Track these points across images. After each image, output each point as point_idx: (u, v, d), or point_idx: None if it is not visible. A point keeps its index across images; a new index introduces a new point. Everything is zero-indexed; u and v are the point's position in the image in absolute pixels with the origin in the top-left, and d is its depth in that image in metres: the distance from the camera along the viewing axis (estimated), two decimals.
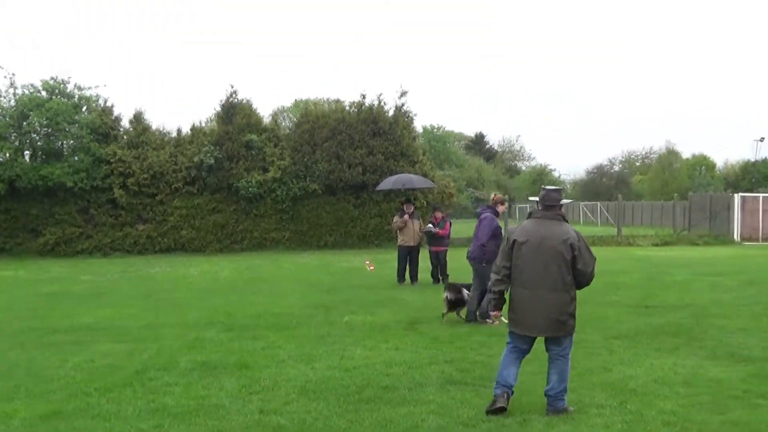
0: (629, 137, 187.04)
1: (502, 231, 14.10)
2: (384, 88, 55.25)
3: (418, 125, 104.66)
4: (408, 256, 20.29)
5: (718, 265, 25.60)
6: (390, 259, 21.28)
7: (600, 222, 68.80)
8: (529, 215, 8.20)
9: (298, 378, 9.37)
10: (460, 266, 18.84)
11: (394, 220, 20.67)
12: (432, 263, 20.27)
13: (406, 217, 20.24)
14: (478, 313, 13.85)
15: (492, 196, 14.59)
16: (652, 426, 7.36)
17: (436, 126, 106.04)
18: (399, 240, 20.44)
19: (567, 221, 8.05)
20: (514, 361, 8.03)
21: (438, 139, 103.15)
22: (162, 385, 9.11)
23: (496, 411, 7.73)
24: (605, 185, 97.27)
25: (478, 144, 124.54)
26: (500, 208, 14.26)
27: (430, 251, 20.32)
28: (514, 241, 7.96)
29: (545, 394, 7.87)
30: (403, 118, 37.57)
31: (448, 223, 20.69)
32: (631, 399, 8.27)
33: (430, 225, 20.20)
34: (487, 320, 13.40)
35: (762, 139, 75.60)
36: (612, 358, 10.46)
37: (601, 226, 62.58)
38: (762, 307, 15.44)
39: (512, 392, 7.93)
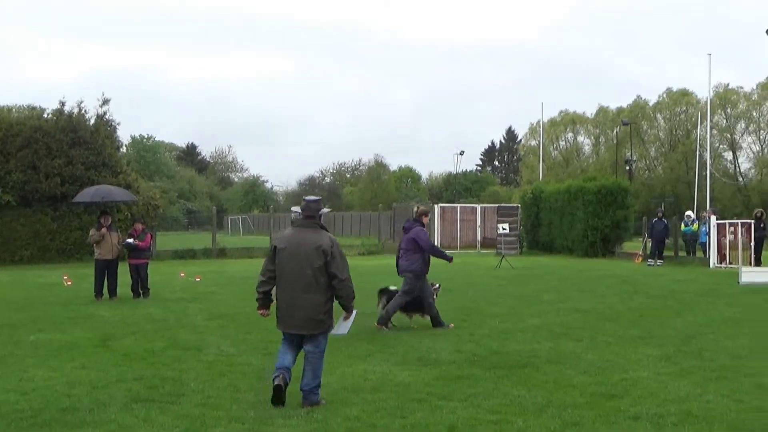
0: (340, 150, 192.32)
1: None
2: (85, 96, 52.96)
3: (125, 135, 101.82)
4: (106, 270, 19.40)
5: None
6: (90, 273, 20.29)
7: None
8: (292, 223, 8.85)
9: None
10: (161, 279, 18.29)
11: (91, 233, 19.68)
12: (132, 277, 19.55)
13: (103, 230, 19.34)
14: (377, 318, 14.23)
15: (415, 209, 15.09)
16: None
17: (146, 136, 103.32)
18: (96, 254, 19.48)
19: (326, 229, 8.73)
20: (287, 350, 8.68)
21: (148, 149, 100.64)
22: None
23: (276, 391, 8.27)
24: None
25: (189, 155, 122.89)
26: (425, 220, 14.51)
27: (129, 264, 19.59)
28: (275, 247, 8.69)
29: (300, 389, 8.43)
30: (105, 127, 36.12)
31: (149, 236, 20.12)
32: (319, 408, 8.26)
33: (130, 238, 19.48)
34: (385, 328, 13.93)
35: (462, 153, 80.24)
36: None
37: None
38: (456, 312, 16.19)
39: (289, 374, 8.49)
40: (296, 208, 8.94)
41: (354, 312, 8.98)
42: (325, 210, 8.90)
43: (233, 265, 32.31)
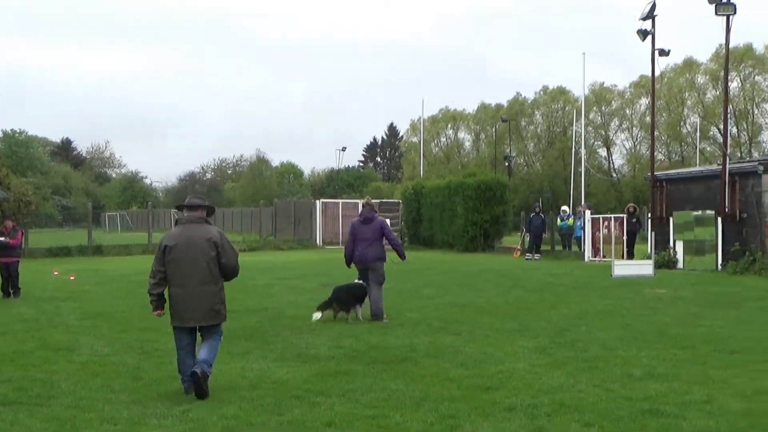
0: (221, 146, 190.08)
1: None
2: None
3: None
4: None
5: (299, 268, 26.62)
6: None
7: None
8: (176, 222, 9.25)
9: None
10: (33, 278, 17.61)
11: None
12: (2, 276, 18.86)
13: None
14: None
15: (367, 200, 16.21)
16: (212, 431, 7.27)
17: (18, 130, 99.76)
18: None
19: (210, 224, 9.16)
20: (187, 354, 8.88)
21: (20, 144, 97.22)
22: None
23: (197, 382, 8.43)
24: (197, 192, 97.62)
25: (65, 150, 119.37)
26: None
27: (0, 263, 18.89)
28: (165, 246, 8.86)
29: (197, 361, 8.69)
30: None
31: (20, 233, 19.47)
32: (195, 406, 8.13)
33: (0, 236, 18.79)
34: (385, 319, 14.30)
35: (344, 149, 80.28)
36: None
37: None
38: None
39: (206, 373, 8.56)
40: (174, 211, 9.40)
41: None
42: (205, 203, 9.22)
43: (110, 263, 31.52)
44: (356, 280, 14.83)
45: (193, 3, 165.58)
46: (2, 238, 18.80)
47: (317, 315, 14.25)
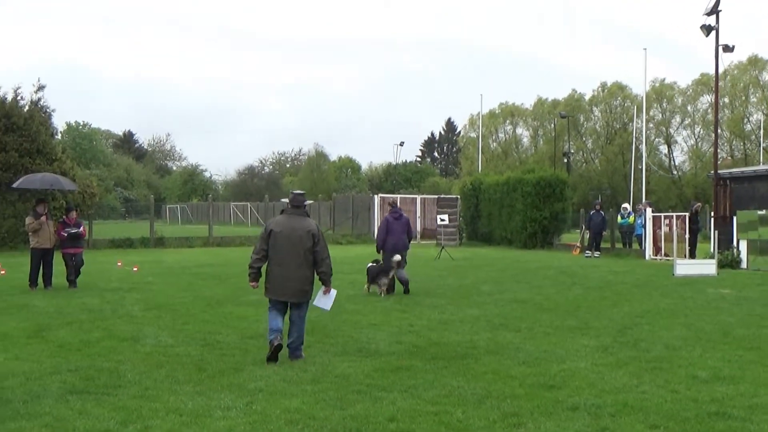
0: (280, 139, 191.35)
1: None
2: (23, 81, 52.06)
3: (60, 121, 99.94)
4: (42, 260, 19.04)
5: (357, 263, 26.65)
6: (25, 262, 19.89)
7: (250, 222, 69.29)
8: (282, 212, 10.65)
9: None
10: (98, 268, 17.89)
11: (28, 222, 19.24)
12: (68, 266, 19.25)
13: (42, 218, 18.99)
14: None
15: (393, 201, 21.04)
16: (276, 425, 7.32)
17: (82, 123, 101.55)
18: (33, 242, 19.07)
19: (309, 216, 10.70)
20: (277, 315, 10.35)
21: (84, 136, 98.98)
22: None
23: (274, 351, 10.04)
24: (256, 186, 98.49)
25: (127, 142, 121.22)
26: None
27: (65, 253, 19.26)
28: (271, 230, 10.40)
29: (287, 346, 10.32)
30: (39, 113, 35.46)
31: (82, 224, 19.95)
32: (259, 399, 8.21)
33: (69, 227, 19.23)
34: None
35: (402, 144, 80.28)
36: (245, 359, 10.41)
37: (252, 226, 63.07)
38: (393, 303, 16.26)
39: (281, 337, 10.21)
40: (285, 200, 10.49)
41: (334, 291, 11.05)
42: (309, 201, 10.03)
43: (172, 255, 31.97)
44: (371, 263, 18.41)
45: None
46: (74, 230, 19.25)
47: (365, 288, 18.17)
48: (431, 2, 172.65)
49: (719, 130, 49.82)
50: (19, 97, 35.34)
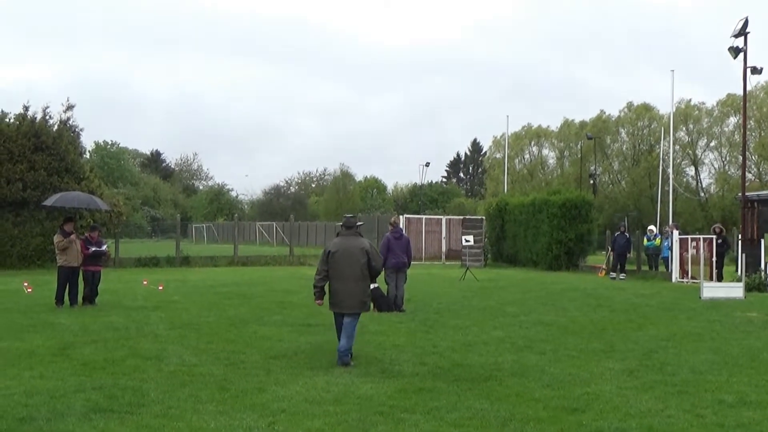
0: (306, 159, 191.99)
1: None
2: (50, 101, 52.61)
3: (89, 141, 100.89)
4: (69, 278, 19.19)
5: (380, 283, 26.60)
6: (51, 280, 20.05)
7: (276, 242, 69.51)
8: (338, 234, 11.99)
9: None
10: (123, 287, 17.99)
11: (57, 240, 19.38)
12: (87, 284, 19.43)
13: (72, 236, 19.15)
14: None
15: (395, 220, 20.80)
16: None
17: (110, 142, 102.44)
18: (61, 260, 19.21)
19: (362, 236, 11.97)
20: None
21: (112, 155, 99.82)
22: None
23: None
24: (282, 206, 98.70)
25: (154, 162, 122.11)
26: None
27: (85, 271, 19.44)
28: (329, 251, 11.68)
29: (337, 350, 11.50)
30: (68, 132, 35.83)
31: (104, 243, 20.24)
32: (281, 419, 8.20)
33: (93, 246, 19.42)
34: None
35: (428, 165, 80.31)
36: (268, 379, 10.40)
37: (277, 246, 63.22)
38: (417, 324, 16.21)
39: (344, 361, 11.39)
40: (339, 223, 12.57)
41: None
42: (359, 222, 12.06)
43: (197, 274, 32.10)
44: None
45: (278, 17, 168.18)
46: (100, 248, 19.48)
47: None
48: (460, 23, 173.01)
49: (747, 152, 49.38)
50: (48, 117, 35.72)
